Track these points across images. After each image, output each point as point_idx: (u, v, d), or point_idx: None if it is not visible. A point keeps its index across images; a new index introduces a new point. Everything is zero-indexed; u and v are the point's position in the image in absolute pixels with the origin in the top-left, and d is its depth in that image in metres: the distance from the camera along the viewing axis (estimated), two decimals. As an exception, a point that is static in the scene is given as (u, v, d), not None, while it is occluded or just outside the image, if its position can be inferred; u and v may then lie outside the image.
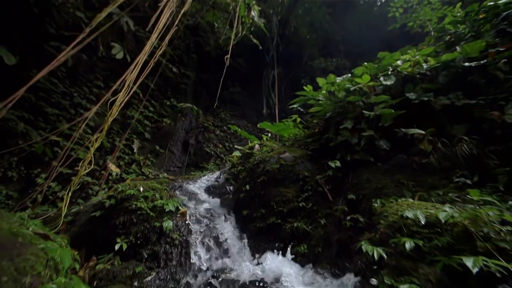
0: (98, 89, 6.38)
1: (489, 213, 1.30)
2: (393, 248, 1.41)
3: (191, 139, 7.25)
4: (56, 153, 5.35)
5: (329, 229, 2.21)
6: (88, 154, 2.18)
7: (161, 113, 7.34)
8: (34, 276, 1.19)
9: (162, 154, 6.84)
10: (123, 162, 6.40)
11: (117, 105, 2.34)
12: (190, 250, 2.16)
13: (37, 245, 1.39)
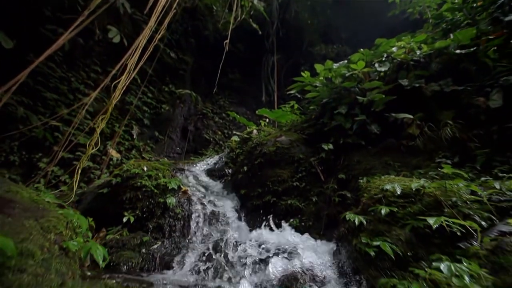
0: (96, 74, 6.39)
1: (458, 184, 1.49)
2: (372, 216, 1.61)
3: (190, 126, 7.37)
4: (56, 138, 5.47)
5: (320, 206, 2.43)
6: (95, 134, 2.33)
7: (160, 99, 7.39)
8: (57, 234, 1.39)
9: (161, 140, 6.98)
10: (123, 147, 6.55)
11: (120, 88, 2.45)
12: (192, 223, 2.38)
13: (56, 211, 1.57)
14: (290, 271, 1.45)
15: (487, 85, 2.53)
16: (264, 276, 1.40)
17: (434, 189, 1.50)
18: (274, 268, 1.53)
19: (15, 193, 1.58)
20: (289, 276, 1.37)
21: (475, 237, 1.26)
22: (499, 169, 1.90)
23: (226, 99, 8.81)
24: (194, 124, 7.51)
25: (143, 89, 6.91)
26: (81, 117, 4.05)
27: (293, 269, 1.47)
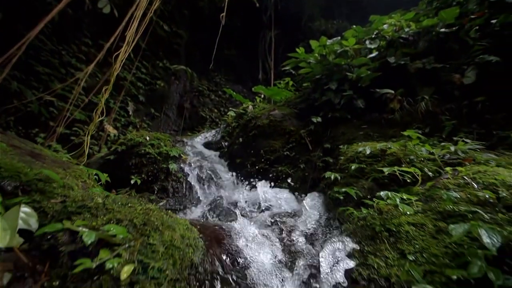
0: (87, 47, 6.33)
1: (415, 145, 1.83)
2: (346, 173, 1.97)
3: (186, 103, 7.51)
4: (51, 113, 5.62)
5: (307, 171, 2.80)
6: (100, 104, 2.55)
7: (154, 75, 7.42)
8: (82, 182, 1.70)
9: (157, 117, 7.16)
10: (119, 124, 6.75)
11: (120, 60, 2.62)
12: (193, 186, 2.73)
13: (77, 166, 1.88)
14: (276, 213, 1.83)
15: (465, 63, 2.78)
16: (256, 218, 1.78)
17: (396, 149, 1.84)
18: (263, 212, 1.92)
19: (39, 150, 1.86)
20: (274, 216, 1.75)
21: (414, 181, 1.62)
22: (459, 136, 2.24)
23: (222, 76, 8.83)
24: (190, 101, 7.65)
25: (136, 64, 6.90)
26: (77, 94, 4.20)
27: (278, 211, 1.85)
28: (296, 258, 1.15)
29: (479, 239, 0.92)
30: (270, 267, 1.06)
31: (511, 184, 1.24)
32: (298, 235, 1.44)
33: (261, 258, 1.11)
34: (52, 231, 0.90)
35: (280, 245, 1.30)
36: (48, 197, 1.18)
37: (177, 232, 1.01)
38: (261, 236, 1.35)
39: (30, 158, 1.52)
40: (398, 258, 1.02)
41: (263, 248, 1.22)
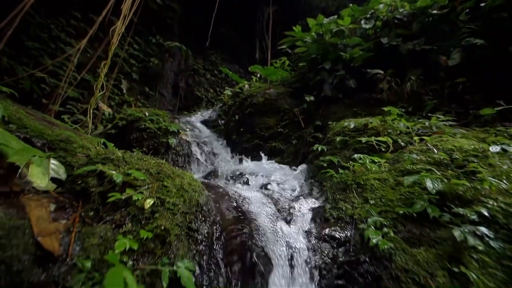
0: (76, 20, 6.18)
1: (394, 120, 2.09)
2: (332, 145, 2.24)
3: (181, 82, 7.54)
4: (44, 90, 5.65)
5: (298, 147, 3.07)
6: (99, 79, 2.69)
7: (147, 52, 7.33)
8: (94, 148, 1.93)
9: (152, 96, 7.22)
10: (113, 102, 6.80)
11: (117, 34, 2.71)
12: (191, 159, 2.99)
13: (85, 135, 2.09)
14: (266, 181, 2.12)
15: (453, 45, 2.97)
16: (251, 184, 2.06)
17: (376, 123, 2.10)
18: (255, 180, 2.21)
19: (49, 118, 2.05)
20: (266, 182, 2.04)
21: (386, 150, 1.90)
22: (438, 114, 2.50)
23: (218, 55, 8.76)
24: (185, 80, 7.66)
25: (129, 40, 6.79)
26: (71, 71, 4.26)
27: (268, 181, 2.14)
28: (279, 202, 1.45)
29: (425, 185, 1.21)
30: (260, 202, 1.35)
31: (466, 150, 1.53)
32: (284, 192, 1.73)
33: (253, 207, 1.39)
34: (88, 171, 1.14)
35: (269, 198, 1.59)
36: (71, 154, 1.42)
37: (185, 179, 1.27)
38: (254, 193, 1.63)
39: (46, 123, 1.72)
40: (362, 203, 1.32)
41: (256, 199, 1.50)
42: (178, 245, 1.06)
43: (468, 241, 0.97)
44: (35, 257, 0.82)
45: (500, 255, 0.98)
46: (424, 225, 1.10)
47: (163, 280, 0.92)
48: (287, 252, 1.10)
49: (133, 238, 0.98)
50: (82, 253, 0.89)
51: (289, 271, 0.99)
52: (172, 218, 1.09)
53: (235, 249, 1.10)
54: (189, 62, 7.86)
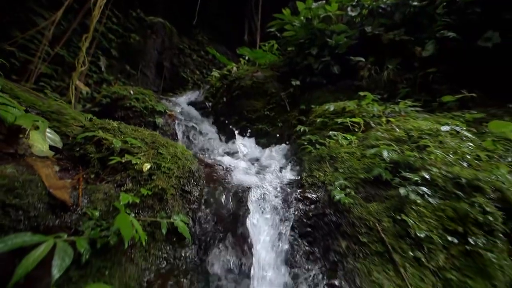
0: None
1: (368, 104, 2.35)
2: (313, 126, 2.48)
3: (165, 62, 7.34)
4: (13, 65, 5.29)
5: (284, 129, 3.29)
6: (81, 53, 2.65)
7: (127, 27, 6.99)
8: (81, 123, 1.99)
9: (133, 75, 6.99)
10: (91, 80, 6.52)
11: (99, 6, 2.64)
12: (179, 139, 3.10)
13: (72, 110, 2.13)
14: (252, 158, 2.33)
15: (428, 37, 3.25)
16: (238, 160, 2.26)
17: (353, 107, 2.35)
18: (243, 157, 2.41)
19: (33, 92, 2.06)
20: (252, 159, 2.24)
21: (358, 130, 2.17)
22: (408, 100, 2.81)
23: (205, 35, 8.53)
24: (169, 60, 7.46)
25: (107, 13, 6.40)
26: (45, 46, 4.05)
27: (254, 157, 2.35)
28: (263, 171, 1.67)
29: (382, 155, 1.48)
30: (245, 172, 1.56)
31: (422, 129, 1.82)
32: (268, 166, 1.95)
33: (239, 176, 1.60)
34: (86, 139, 1.26)
35: (254, 171, 1.80)
36: (65, 125, 1.51)
37: (178, 149, 1.43)
38: (241, 166, 1.83)
39: (34, 95, 1.76)
40: (332, 171, 1.57)
41: (243, 171, 1.71)
42: (173, 203, 1.25)
43: (410, 196, 1.26)
44: (48, 205, 0.97)
45: (435, 208, 1.28)
46: (379, 187, 1.38)
47: (162, 228, 1.11)
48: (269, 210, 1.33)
49: (134, 195, 1.15)
50: (90, 205, 1.05)
51: (270, 223, 1.22)
52: (168, 181, 1.26)
53: (221, 207, 1.31)
54: (173, 40, 7.61)
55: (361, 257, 1.08)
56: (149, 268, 1.00)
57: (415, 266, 1.06)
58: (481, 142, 1.96)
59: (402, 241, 1.12)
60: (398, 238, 1.13)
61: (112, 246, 0.97)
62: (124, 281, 0.93)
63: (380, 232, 1.15)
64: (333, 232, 1.21)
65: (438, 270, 1.07)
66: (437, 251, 1.11)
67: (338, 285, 0.97)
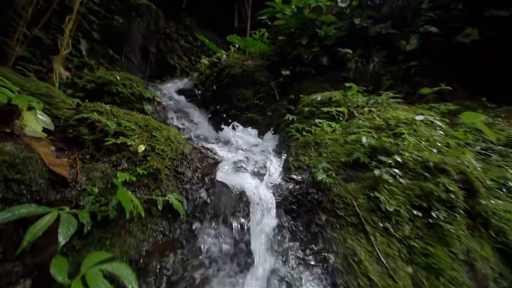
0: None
1: (353, 95, 2.51)
2: (301, 115, 2.61)
3: (151, 47, 7.14)
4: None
5: (273, 118, 3.41)
6: (64, 35, 2.58)
7: (110, 8, 6.67)
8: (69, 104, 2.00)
9: (117, 60, 6.75)
10: (72, 65, 6.23)
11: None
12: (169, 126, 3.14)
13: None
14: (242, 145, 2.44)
15: (413, 31, 3.44)
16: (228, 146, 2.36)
17: (339, 97, 2.51)
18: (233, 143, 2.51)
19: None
20: (241, 146, 2.35)
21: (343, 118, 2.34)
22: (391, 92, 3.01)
23: (193, 19, 8.31)
24: (155, 45, 7.25)
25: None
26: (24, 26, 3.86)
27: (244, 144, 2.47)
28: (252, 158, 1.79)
29: (361, 141, 1.64)
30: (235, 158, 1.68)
31: (399, 118, 2.00)
32: (258, 153, 2.08)
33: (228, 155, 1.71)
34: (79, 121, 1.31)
35: (244, 156, 1.92)
36: (55, 108, 1.54)
37: (171, 133, 1.51)
38: (232, 152, 1.94)
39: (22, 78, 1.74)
40: (317, 156, 1.72)
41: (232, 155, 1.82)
42: (167, 183, 1.34)
43: (383, 177, 1.43)
44: (49, 181, 1.04)
45: (404, 187, 1.47)
46: (357, 169, 1.54)
47: (158, 205, 1.21)
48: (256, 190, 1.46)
49: (130, 174, 1.23)
50: (88, 182, 1.13)
51: (258, 199, 1.36)
52: (162, 162, 1.35)
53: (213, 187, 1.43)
54: (160, 24, 7.37)
55: (338, 228, 1.24)
56: (146, 239, 1.11)
57: (384, 235, 1.24)
58: (454, 131, 2.19)
59: (374, 215, 1.30)
60: (370, 212, 1.31)
61: (111, 219, 1.07)
62: (124, 250, 1.03)
63: (355, 207, 1.32)
64: (315, 208, 1.37)
65: (403, 238, 1.25)
66: (403, 223, 1.29)
67: (317, 250, 1.13)
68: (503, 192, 1.83)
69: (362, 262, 1.07)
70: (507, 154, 2.26)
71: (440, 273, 1.13)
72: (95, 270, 0.85)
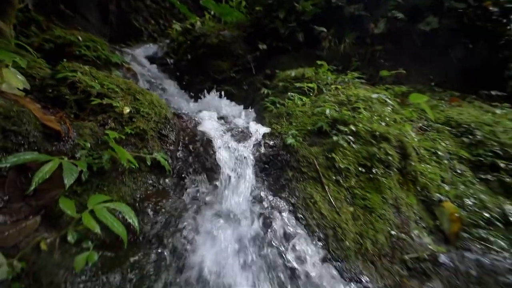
0: None
1: (323, 73, 2.84)
2: (276, 90, 2.87)
3: (111, 5, 6.47)
4: None
5: (249, 92, 3.61)
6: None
7: (56, -50, 5.76)
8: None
9: (71, 18, 6.03)
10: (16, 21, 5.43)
11: None
12: (141, 95, 3.15)
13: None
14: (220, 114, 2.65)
15: (381, 15, 3.81)
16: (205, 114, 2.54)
17: (311, 74, 2.81)
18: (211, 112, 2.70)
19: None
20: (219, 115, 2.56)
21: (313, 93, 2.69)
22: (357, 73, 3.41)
23: (160, -25, 7.58)
24: (116, 3, 6.58)
25: None
26: None
27: (222, 114, 2.68)
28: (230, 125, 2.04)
29: (325, 113, 1.98)
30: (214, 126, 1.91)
31: (359, 96, 2.39)
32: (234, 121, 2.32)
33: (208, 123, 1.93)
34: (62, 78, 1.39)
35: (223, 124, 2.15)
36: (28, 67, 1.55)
37: (154, 97, 1.66)
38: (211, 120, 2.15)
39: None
40: (287, 125, 2.04)
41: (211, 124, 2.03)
42: (153, 143, 1.53)
43: (339, 142, 1.81)
44: (44, 134, 1.16)
45: (355, 150, 1.87)
46: (320, 136, 1.90)
47: (147, 161, 1.41)
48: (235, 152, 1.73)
49: (119, 133, 1.38)
50: (80, 138, 1.27)
51: (234, 160, 1.63)
52: (147, 123, 1.52)
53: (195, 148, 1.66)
54: (120, -23, 6.63)
55: (301, 180, 1.60)
56: (139, 189, 1.32)
57: (335, 185, 1.64)
58: (403, 110, 2.68)
59: (330, 171, 1.68)
60: (327, 168, 1.69)
61: (106, 170, 1.25)
62: (120, 195, 1.24)
63: (316, 165, 1.68)
64: (284, 166, 1.70)
65: (349, 188, 1.67)
66: (351, 177, 1.71)
67: (284, 197, 1.48)
68: (432, 159, 2.40)
69: (317, 203, 1.45)
70: (443, 130, 2.86)
71: (373, 211, 1.58)
72: (100, 206, 1.07)
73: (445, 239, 1.78)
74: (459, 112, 3.02)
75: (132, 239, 1.11)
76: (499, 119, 2.91)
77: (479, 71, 3.84)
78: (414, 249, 1.47)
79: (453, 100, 3.57)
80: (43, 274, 0.82)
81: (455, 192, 2.09)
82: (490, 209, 2.07)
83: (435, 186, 2.05)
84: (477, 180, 2.39)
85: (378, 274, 1.25)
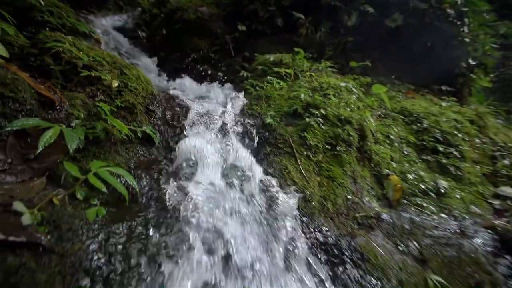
0: None
1: (300, 59, 3.13)
2: (255, 73, 3.09)
3: (66, -39, 5.80)
4: None
5: (227, 74, 3.76)
6: None
7: None
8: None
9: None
10: None
11: None
12: (113, 69, 3.10)
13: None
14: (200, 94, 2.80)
15: (354, 8, 4.19)
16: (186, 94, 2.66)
17: (288, 60, 3.08)
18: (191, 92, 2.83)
19: None
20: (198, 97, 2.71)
21: (289, 79, 3.00)
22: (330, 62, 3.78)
23: None
24: (72, -41, 5.90)
25: None
26: None
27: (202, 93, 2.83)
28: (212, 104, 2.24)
29: (300, 98, 2.29)
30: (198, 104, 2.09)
31: (330, 83, 2.74)
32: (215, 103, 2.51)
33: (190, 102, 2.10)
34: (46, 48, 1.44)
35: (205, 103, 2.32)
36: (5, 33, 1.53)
37: (140, 72, 1.76)
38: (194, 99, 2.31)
39: None
40: (266, 106, 2.30)
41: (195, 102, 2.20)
42: (141, 118, 1.67)
43: (311, 123, 2.14)
44: (39, 102, 1.25)
45: (323, 131, 2.23)
46: (295, 117, 2.21)
47: (138, 133, 1.56)
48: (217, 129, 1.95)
49: (109, 105, 1.50)
50: (73, 108, 1.37)
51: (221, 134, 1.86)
52: (136, 98, 1.65)
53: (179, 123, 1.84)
54: None
55: (278, 155, 1.91)
56: (132, 157, 1.49)
57: (306, 159, 1.98)
58: (366, 98, 3.13)
59: (302, 147, 2.02)
60: (300, 145, 2.02)
61: (101, 140, 1.39)
62: (116, 163, 1.39)
63: (291, 142, 2.00)
64: (263, 143, 1.99)
65: (317, 161, 2.03)
66: (319, 153, 2.07)
67: (264, 168, 1.77)
68: (385, 141, 2.90)
69: (290, 172, 1.78)
70: (397, 118, 3.41)
71: (335, 180, 1.98)
72: (102, 169, 1.23)
73: (389, 204, 2.29)
74: (412, 103, 3.60)
75: (132, 200, 1.30)
76: (444, 110, 3.57)
77: (434, 68, 4.51)
78: (364, 210, 1.91)
79: (408, 92, 4.20)
80: (62, 222, 0.99)
81: (401, 169, 2.62)
82: (426, 182, 2.65)
83: (385, 163, 2.55)
84: (420, 160, 2.98)
85: (336, 226, 1.64)
